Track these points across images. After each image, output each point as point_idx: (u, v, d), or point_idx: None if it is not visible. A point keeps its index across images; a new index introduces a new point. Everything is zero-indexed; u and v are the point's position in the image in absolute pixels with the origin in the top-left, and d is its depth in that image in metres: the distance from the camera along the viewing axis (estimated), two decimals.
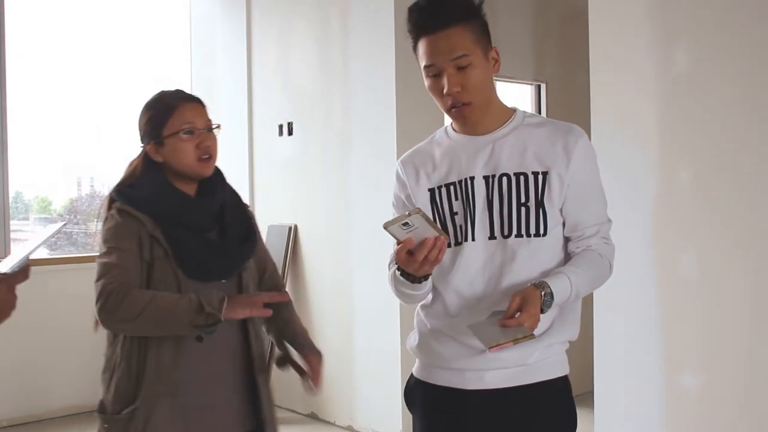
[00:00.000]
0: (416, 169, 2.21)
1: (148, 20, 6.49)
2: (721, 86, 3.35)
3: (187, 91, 2.58)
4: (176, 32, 6.68)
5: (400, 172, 2.24)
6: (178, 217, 2.36)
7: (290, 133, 5.78)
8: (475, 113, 2.09)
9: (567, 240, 2.13)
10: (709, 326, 3.41)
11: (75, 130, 6.18)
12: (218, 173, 2.54)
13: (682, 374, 3.50)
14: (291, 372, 2.63)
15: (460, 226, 2.08)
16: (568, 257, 2.13)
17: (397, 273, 2.01)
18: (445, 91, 2.06)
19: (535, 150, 2.09)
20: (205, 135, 2.45)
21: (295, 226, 5.73)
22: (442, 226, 2.09)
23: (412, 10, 2.07)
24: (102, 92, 6.17)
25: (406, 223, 1.80)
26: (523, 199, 2.06)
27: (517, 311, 1.90)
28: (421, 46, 2.07)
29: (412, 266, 1.89)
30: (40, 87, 6.01)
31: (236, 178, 6.11)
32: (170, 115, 2.41)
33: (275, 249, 5.75)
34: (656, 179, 3.58)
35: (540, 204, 2.06)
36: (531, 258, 2.06)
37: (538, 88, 6.11)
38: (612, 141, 3.67)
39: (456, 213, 2.11)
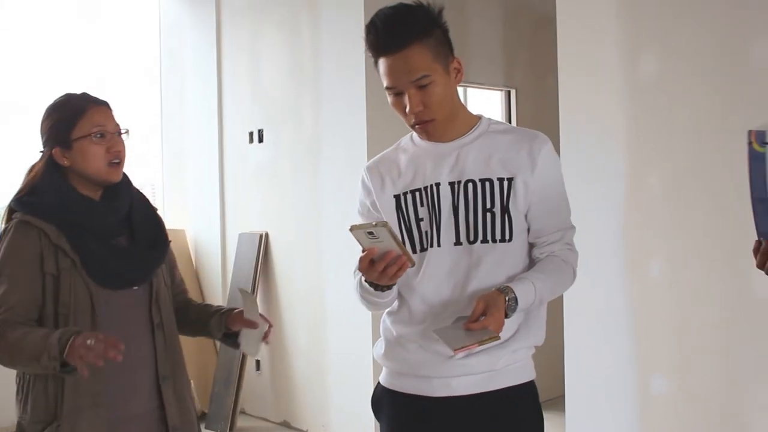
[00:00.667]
0: (381, 176, 2.19)
1: (116, 27, 6.45)
2: (689, 90, 3.38)
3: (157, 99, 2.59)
4: (145, 39, 6.64)
5: (365, 178, 2.23)
6: (84, 224, 2.27)
7: (260, 140, 5.77)
8: (438, 128, 2.09)
9: (531, 246, 2.14)
10: (680, 330, 3.44)
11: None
12: (124, 176, 2.43)
13: (653, 378, 3.52)
14: (263, 380, 2.63)
15: (426, 232, 2.08)
16: (533, 263, 2.13)
17: (362, 279, 2.02)
18: (407, 110, 2.04)
19: (501, 156, 2.10)
20: (115, 139, 2.33)
21: (266, 234, 5.71)
22: (407, 232, 2.11)
23: (369, 31, 2.08)
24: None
25: (371, 233, 1.81)
26: (488, 205, 2.07)
27: (481, 315, 1.91)
28: (381, 65, 2.08)
29: (371, 275, 1.90)
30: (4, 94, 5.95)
31: (207, 186, 6.13)
32: (79, 118, 2.30)
33: (246, 256, 5.73)
34: (625, 183, 3.60)
35: (505, 210, 2.07)
36: (497, 263, 2.07)
37: (508, 94, 6.14)
38: (581, 146, 3.70)
39: (422, 219, 2.10)
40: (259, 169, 5.81)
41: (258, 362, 5.73)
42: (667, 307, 3.47)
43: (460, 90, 6.53)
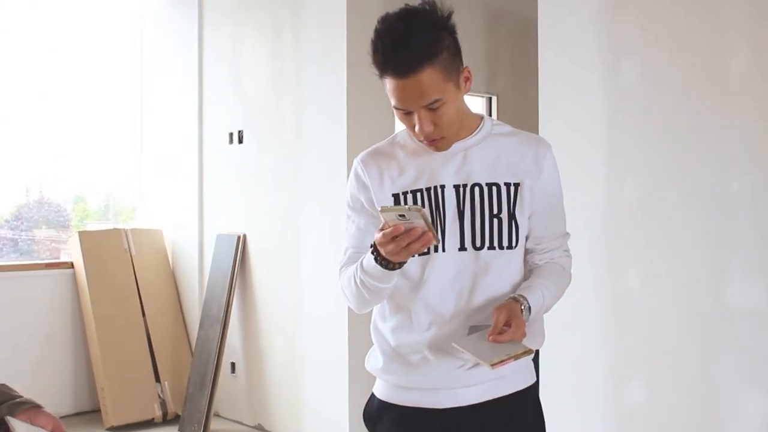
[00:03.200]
0: (380, 171, 2.08)
1: (97, 28, 6.40)
2: (668, 100, 3.39)
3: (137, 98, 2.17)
4: (127, 39, 6.60)
5: (360, 171, 2.10)
6: None
7: (240, 141, 5.74)
8: (448, 143, 2.01)
9: (527, 251, 2.09)
10: (655, 338, 3.45)
11: (24, 137, 6.07)
12: None
13: (626, 387, 3.53)
14: (238, 383, 2.57)
15: (436, 233, 1.92)
16: (526, 269, 2.10)
17: (371, 258, 1.88)
18: (416, 129, 1.95)
19: (507, 160, 2.04)
20: None
21: (244, 235, 5.68)
22: None
23: (376, 49, 1.90)
24: (51, 99, 6.07)
25: (402, 215, 1.73)
26: (495, 210, 2.00)
27: (504, 325, 1.85)
28: (388, 84, 1.93)
29: (390, 249, 1.78)
30: None
31: (186, 186, 6.09)
32: None
33: (223, 258, 5.70)
34: (603, 191, 3.61)
35: (512, 216, 2.01)
36: (503, 270, 2.02)
37: (490, 100, 6.16)
38: (560, 152, 3.68)
39: None
40: (238, 171, 5.78)
41: (233, 364, 5.70)
42: (642, 317, 3.48)
43: None
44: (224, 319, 5.54)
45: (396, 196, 2.04)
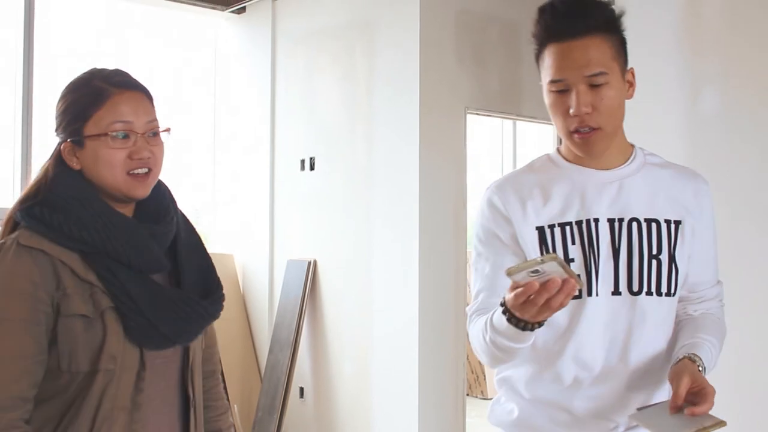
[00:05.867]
0: (522, 201, 1.83)
1: (173, 54, 6.55)
2: (752, 124, 3.34)
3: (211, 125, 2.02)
4: (201, 66, 6.74)
5: (497, 202, 1.85)
6: (123, 253, 1.66)
7: (312, 168, 5.79)
8: (602, 142, 1.77)
9: (678, 299, 1.86)
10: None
11: None
12: (166, 190, 1.87)
13: None
14: (306, 408, 2.56)
15: (578, 277, 1.63)
16: (676, 320, 1.87)
17: (503, 319, 1.60)
18: (572, 111, 1.72)
19: (667, 195, 1.82)
20: (142, 142, 1.73)
21: (315, 261, 5.72)
22: None
23: (545, 11, 1.77)
24: None
25: (536, 270, 1.46)
26: (654, 251, 1.77)
27: (688, 392, 1.60)
28: (549, 55, 1.75)
29: (528, 311, 1.51)
30: None
31: (257, 212, 6.17)
32: (97, 107, 1.69)
33: (294, 284, 5.74)
34: None
35: (672, 258, 1.78)
36: (661, 321, 1.79)
37: None
38: None
39: (572, 260, 1.77)
40: (309, 196, 5.83)
41: (302, 389, 5.72)
42: None
43: (509, 124, 6.40)
44: (294, 344, 5.57)
45: (540, 230, 1.80)
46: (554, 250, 1.77)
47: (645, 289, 1.76)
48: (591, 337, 1.76)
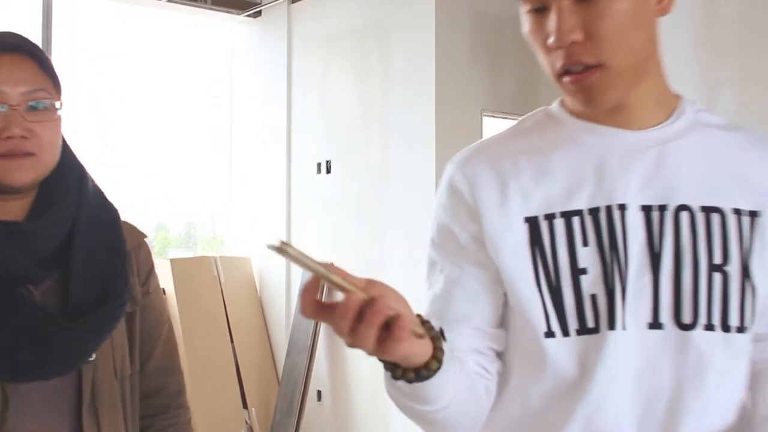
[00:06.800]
0: (502, 180, 1.17)
1: (189, 58, 6.58)
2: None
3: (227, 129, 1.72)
4: (217, 70, 6.76)
5: (460, 184, 1.21)
6: None
7: (328, 171, 5.80)
8: (610, 88, 1.11)
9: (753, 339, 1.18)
10: None
11: (115, 168, 6.26)
12: (72, 172, 1.43)
13: None
14: (323, 411, 2.56)
15: (594, 298, 1.11)
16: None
17: (385, 372, 1.11)
18: (550, 40, 1.09)
19: (734, 171, 1.15)
20: (17, 116, 1.31)
21: (331, 264, 5.70)
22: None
23: None
24: (141, 130, 6.26)
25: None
26: (717, 258, 1.11)
27: None
28: None
29: (353, 342, 0.99)
30: (85, 118, 6.10)
31: (273, 215, 6.18)
32: None
33: None
34: None
35: (745, 270, 1.11)
36: (728, 372, 1.11)
37: None
38: None
39: (583, 271, 1.12)
40: (325, 199, 5.83)
41: (319, 392, 5.71)
42: None
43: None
44: (311, 347, 5.57)
45: (533, 223, 1.14)
46: (553, 254, 1.13)
47: (703, 320, 1.10)
48: (614, 396, 1.10)
